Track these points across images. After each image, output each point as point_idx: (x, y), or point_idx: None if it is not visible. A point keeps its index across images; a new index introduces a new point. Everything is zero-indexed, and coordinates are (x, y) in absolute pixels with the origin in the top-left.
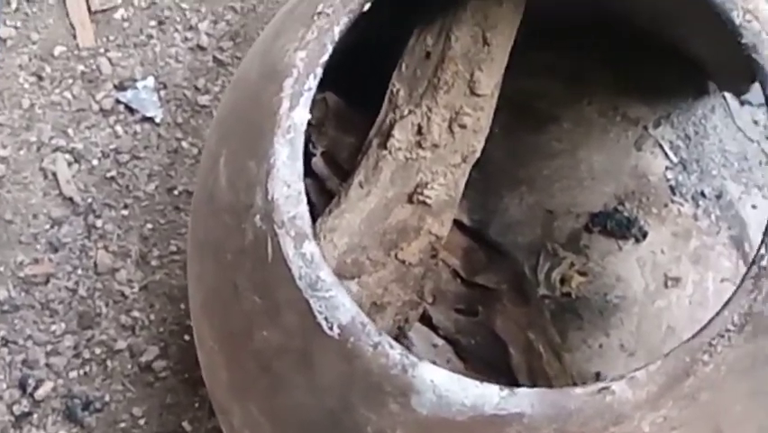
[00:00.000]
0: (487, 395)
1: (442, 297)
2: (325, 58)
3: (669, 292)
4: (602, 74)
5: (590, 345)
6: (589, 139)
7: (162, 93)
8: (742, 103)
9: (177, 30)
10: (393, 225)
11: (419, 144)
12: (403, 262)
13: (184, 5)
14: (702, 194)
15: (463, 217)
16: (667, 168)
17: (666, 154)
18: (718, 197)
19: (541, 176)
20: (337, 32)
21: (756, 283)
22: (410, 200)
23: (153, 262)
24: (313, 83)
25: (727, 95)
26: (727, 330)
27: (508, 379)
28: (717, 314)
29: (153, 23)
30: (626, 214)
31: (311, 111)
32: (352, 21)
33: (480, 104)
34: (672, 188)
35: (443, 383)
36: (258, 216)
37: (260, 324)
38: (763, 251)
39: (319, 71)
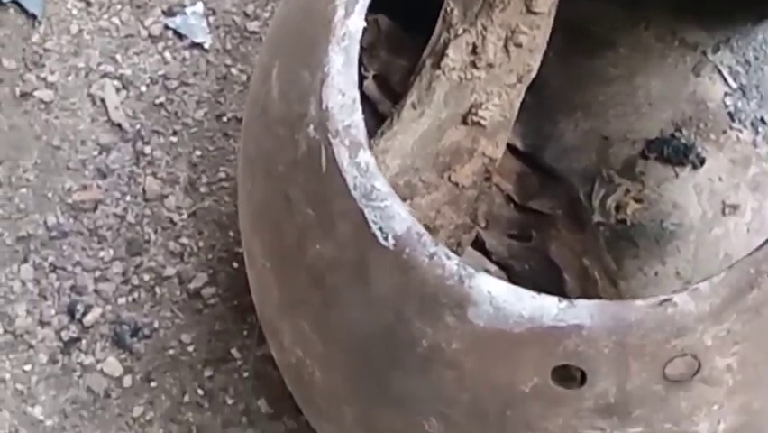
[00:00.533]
0: (545, 306)
1: (495, 222)
2: None
3: (726, 220)
4: None
5: (646, 273)
6: (646, 64)
7: (211, 19)
8: None
9: None
10: (446, 146)
11: (474, 64)
12: (456, 184)
13: None
14: (762, 120)
15: (517, 142)
16: (726, 94)
17: (725, 80)
18: None
19: (597, 102)
20: None
21: None
22: (464, 121)
23: (202, 189)
24: None
25: None
26: None
27: None
28: None
29: None
30: (683, 140)
31: (363, 34)
32: None
33: (536, 22)
34: (730, 115)
35: (500, 294)
36: (312, 126)
37: (314, 237)
38: None
39: None
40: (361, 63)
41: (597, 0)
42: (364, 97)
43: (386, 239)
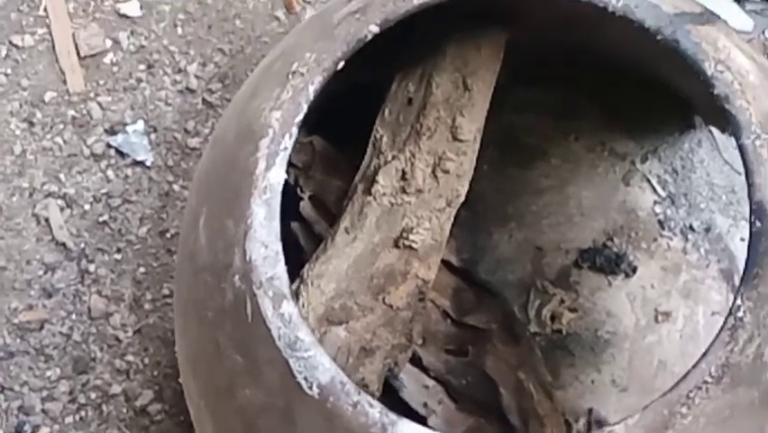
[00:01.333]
0: None
1: (432, 338)
2: (300, 117)
3: (659, 327)
4: (589, 109)
5: (582, 382)
6: (577, 175)
7: (152, 136)
8: (728, 136)
9: (166, 73)
10: (380, 269)
11: (403, 190)
12: (391, 306)
13: (172, 48)
14: (691, 228)
15: (452, 258)
16: (655, 202)
17: (654, 189)
18: (707, 230)
19: (530, 212)
20: (312, 90)
21: (733, 335)
22: (396, 245)
23: (147, 306)
24: (288, 143)
25: (713, 128)
26: (705, 382)
27: (500, 418)
28: (695, 366)
29: (142, 66)
30: (615, 249)
31: (299, 154)
32: (326, 79)
33: (462, 149)
34: (660, 223)
35: None
36: (237, 277)
37: (243, 382)
38: (738, 302)
39: (295, 131)
40: (296, 184)
41: (527, 112)
42: (301, 218)
43: (311, 388)
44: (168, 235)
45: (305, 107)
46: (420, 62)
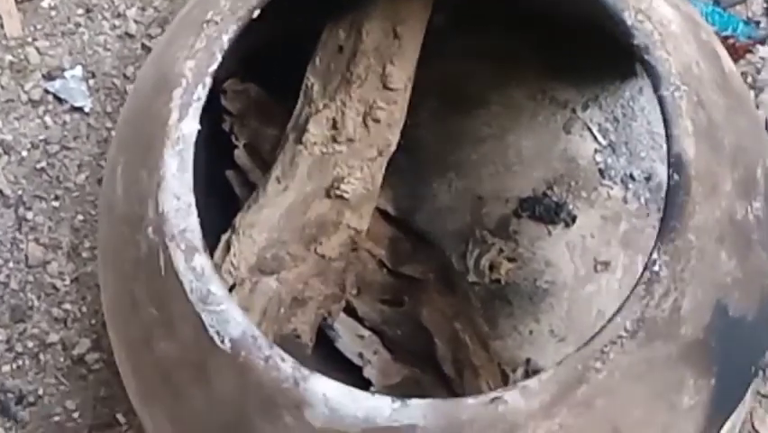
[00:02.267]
0: (379, 407)
1: (367, 288)
2: (214, 67)
3: (599, 276)
4: (529, 57)
5: (521, 332)
6: (517, 123)
7: (91, 82)
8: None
9: (105, 17)
10: (312, 219)
11: (334, 139)
12: (323, 256)
13: None
14: (631, 176)
15: (389, 207)
16: (596, 151)
17: (595, 137)
18: (648, 179)
19: (470, 161)
20: (226, 40)
21: (648, 289)
22: (328, 195)
23: (84, 254)
24: (202, 93)
25: None
26: (620, 337)
27: (436, 369)
28: (609, 321)
29: (81, 10)
30: (554, 198)
31: (234, 102)
32: (241, 28)
33: (393, 97)
34: (601, 172)
35: (334, 396)
36: (150, 229)
37: (158, 335)
38: (654, 255)
39: (208, 81)
40: (231, 132)
41: (468, 60)
42: (235, 166)
43: (222, 342)
44: None
45: (219, 57)
46: (350, 10)
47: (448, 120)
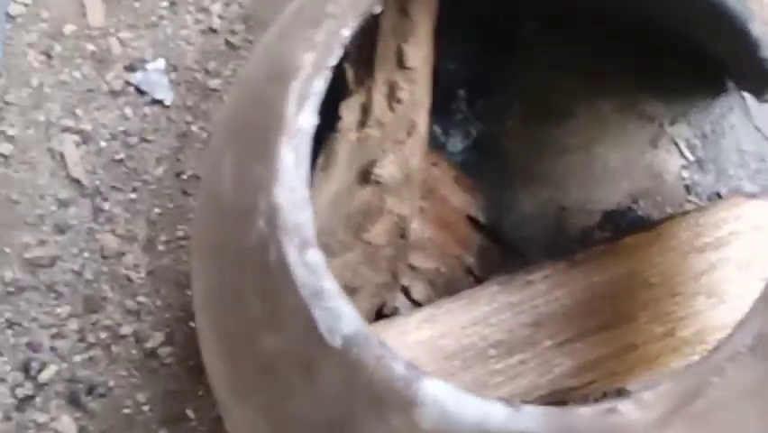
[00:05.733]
0: (491, 412)
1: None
2: (333, 61)
3: None
4: (620, 71)
5: None
6: (604, 135)
7: (172, 75)
8: (760, 102)
9: (188, 11)
10: (357, 206)
11: (365, 123)
12: (370, 243)
13: None
14: (718, 194)
15: (479, 214)
16: (683, 166)
17: (682, 153)
18: None
19: (555, 171)
20: (346, 34)
21: None
22: (366, 180)
23: (160, 247)
24: (320, 86)
25: (746, 94)
26: (738, 352)
27: None
28: (729, 335)
29: (165, 3)
30: (639, 212)
31: None
32: (361, 24)
33: (411, 76)
34: (687, 188)
35: (446, 398)
36: (262, 221)
37: (263, 328)
38: None
39: (327, 74)
40: None
41: (557, 71)
42: None
43: (333, 338)
44: (184, 177)
45: (338, 51)
46: None
47: (534, 130)
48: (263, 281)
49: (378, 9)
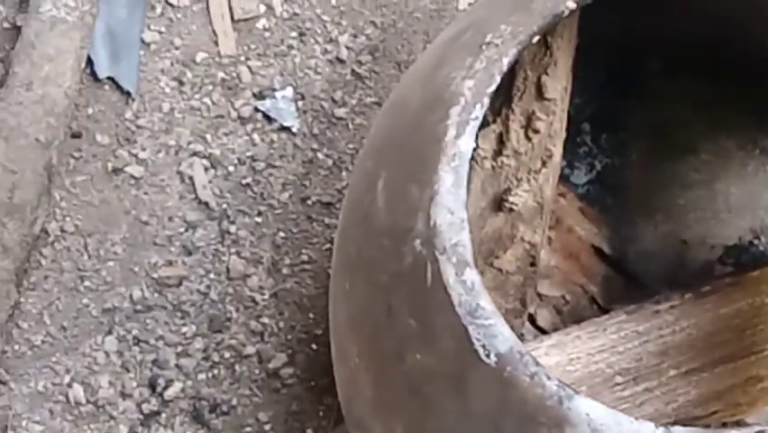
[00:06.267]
0: (642, 431)
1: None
2: (493, 88)
3: None
4: (741, 107)
5: None
6: (726, 171)
7: (300, 103)
8: None
9: (317, 42)
10: (489, 234)
11: (501, 152)
12: (500, 270)
13: (325, 18)
14: None
15: (604, 245)
16: None
17: None
18: None
19: (677, 205)
20: (506, 62)
21: None
22: (499, 208)
23: (284, 271)
24: (479, 112)
25: None
26: None
27: None
28: None
29: (294, 33)
30: (761, 248)
31: None
32: (520, 52)
33: (550, 108)
34: None
35: (598, 417)
36: (418, 241)
37: (414, 347)
38: None
39: (486, 101)
40: None
41: (680, 106)
42: None
43: (488, 356)
44: (309, 202)
45: (498, 78)
46: None
47: (657, 163)
48: (418, 300)
49: (536, 39)
